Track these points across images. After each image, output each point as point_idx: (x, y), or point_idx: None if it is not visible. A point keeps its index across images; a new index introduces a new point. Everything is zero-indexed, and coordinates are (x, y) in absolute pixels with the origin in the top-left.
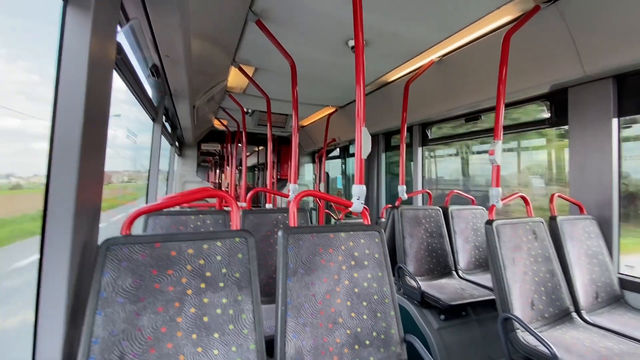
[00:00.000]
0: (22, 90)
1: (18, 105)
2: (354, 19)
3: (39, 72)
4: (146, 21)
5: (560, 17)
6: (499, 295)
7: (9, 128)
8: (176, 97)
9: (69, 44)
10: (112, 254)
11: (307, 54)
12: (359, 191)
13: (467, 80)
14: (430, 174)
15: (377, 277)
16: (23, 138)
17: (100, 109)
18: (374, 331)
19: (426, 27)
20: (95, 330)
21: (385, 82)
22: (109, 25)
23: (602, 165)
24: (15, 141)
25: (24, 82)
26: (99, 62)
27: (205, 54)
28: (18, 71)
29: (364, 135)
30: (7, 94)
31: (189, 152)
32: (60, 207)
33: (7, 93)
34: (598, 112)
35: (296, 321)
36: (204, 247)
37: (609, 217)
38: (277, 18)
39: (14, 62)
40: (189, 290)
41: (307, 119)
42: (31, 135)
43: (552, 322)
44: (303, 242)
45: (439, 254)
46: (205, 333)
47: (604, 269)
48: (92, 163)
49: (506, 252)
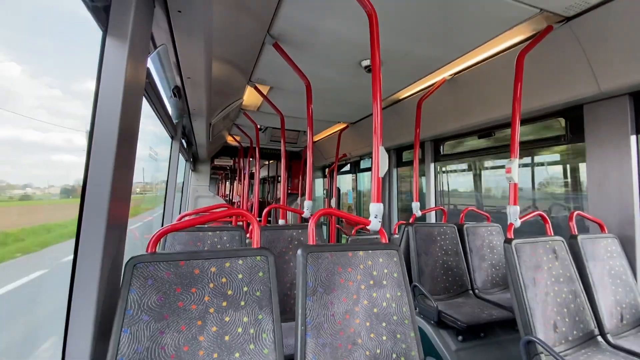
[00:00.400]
0: (43, 105)
1: (40, 118)
2: (371, 40)
3: (60, 88)
4: (172, 46)
5: (574, 36)
6: (520, 316)
7: (30, 140)
8: (194, 115)
9: (107, 70)
10: (138, 272)
11: (321, 74)
12: (376, 209)
13: (480, 98)
14: (443, 190)
15: (396, 297)
16: (42, 150)
17: (131, 129)
18: (394, 353)
19: (439, 47)
20: (121, 348)
21: (397, 99)
22: (142, 53)
23: (622, 183)
24: (35, 153)
25: (46, 96)
26: (132, 86)
27: (224, 75)
28: (41, 86)
29: (382, 154)
30: (30, 109)
31: (202, 167)
32: (94, 221)
33: (30, 108)
34: (615, 129)
35: (316, 342)
36: (226, 265)
37: (632, 236)
38: (294, 41)
39: (38, 78)
40: (211, 308)
41: (318, 134)
42: (50, 147)
43: (576, 346)
44: (322, 261)
45: (454, 272)
46: (226, 353)
47: (629, 290)
48: (123, 180)
49: (526, 272)
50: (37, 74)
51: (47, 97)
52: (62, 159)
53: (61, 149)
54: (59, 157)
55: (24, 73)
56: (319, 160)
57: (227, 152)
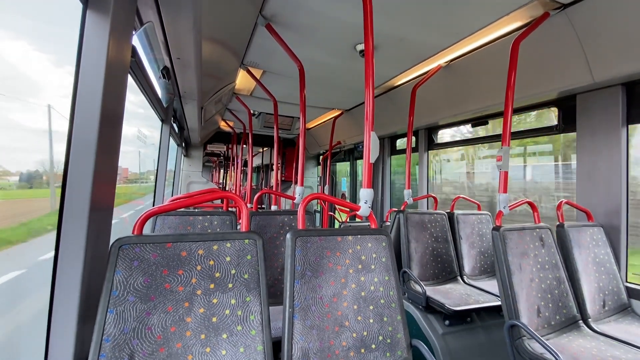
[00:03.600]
0: (68, 94)
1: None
2: (364, 24)
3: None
4: (159, 24)
5: (570, 23)
6: (505, 301)
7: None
8: (185, 98)
9: (88, 46)
10: (124, 253)
11: (315, 58)
12: (366, 195)
13: (474, 86)
14: (435, 179)
15: (383, 281)
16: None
17: (115, 110)
18: (380, 335)
19: (434, 32)
20: (106, 328)
21: (392, 86)
22: (126, 29)
23: (611, 173)
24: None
25: (68, 85)
26: (115, 65)
27: (215, 56)
28: (66, 75)
29: (373, 139)
30: (57, 98)
31: (195, 153)
32: (76, 205)
33: (57, 97)
34: (607, 120)
35: (303, 323)
36: (214, 248)
37: (617, 225)
38: (287, 22)
39: (62, 67)
40: (198, 290)
41: (312, 121)
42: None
43: (558, 330)
44: (311, 245)
45: (444, 259)
46: (213, 333)
47: (612, 278)
48: (107, 163)
49: (513, 259)
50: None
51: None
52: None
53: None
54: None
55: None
56: (313, 148)
57: (221, 138)
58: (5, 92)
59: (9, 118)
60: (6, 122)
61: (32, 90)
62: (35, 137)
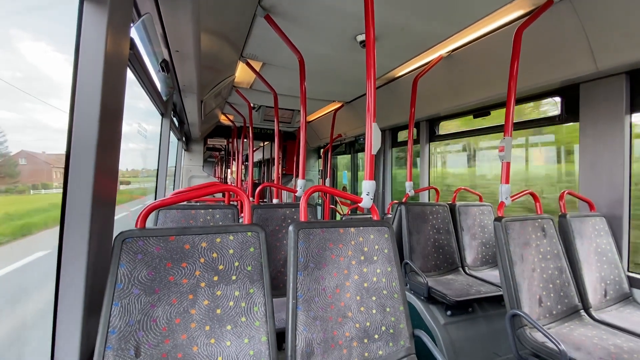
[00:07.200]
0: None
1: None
2: (365, 13)
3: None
4: (157, 16)
5: (574, 11)
6: (507, 291)
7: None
8: (184, 92)
9: (86, 40)
10: (127, 247)
11: (315, 49)
12: (369, 187)
13: (476, 76)
14: (437, 170)
15: (386, 272)
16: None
17: (115, 104)
18: (383, 325)
19: (436, 21)
20: (112, 321)
21: (393, 77)
22: (124, 21)
23: (614, 163)
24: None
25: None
26: (114, 58)
27: (214, 49)
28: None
29: (375, 131)
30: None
31: (196, 147)
32: (79, 200)
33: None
34: (610, 109)
35: (306, 314)
36: (217, 241)
37: (619, 215)
38: (286, 13)
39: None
40: (202, 282)
41: (313, 114)
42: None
43: (560, 319)
44: (313, 237)
45: (445, 250)
46: (218, 325)
47: (614, 267)
48: (108, 157)
49: (515, 249)
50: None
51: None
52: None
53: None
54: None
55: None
56: (314, 141)
57: (221, 132)
58: (31, 93)
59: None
60: (34, 123)
61: (54, 91)
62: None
